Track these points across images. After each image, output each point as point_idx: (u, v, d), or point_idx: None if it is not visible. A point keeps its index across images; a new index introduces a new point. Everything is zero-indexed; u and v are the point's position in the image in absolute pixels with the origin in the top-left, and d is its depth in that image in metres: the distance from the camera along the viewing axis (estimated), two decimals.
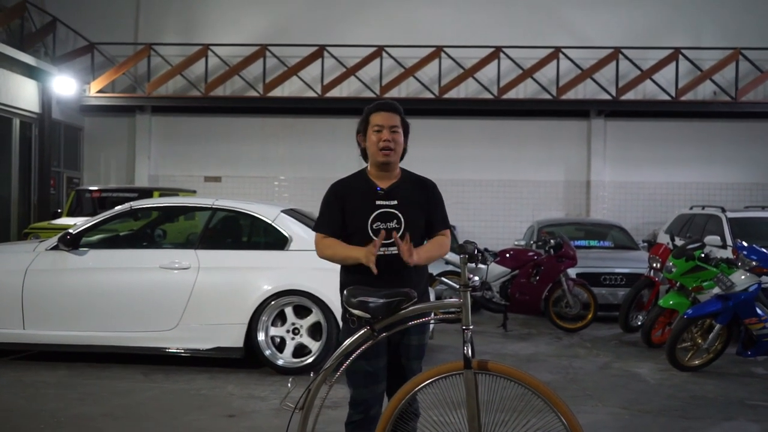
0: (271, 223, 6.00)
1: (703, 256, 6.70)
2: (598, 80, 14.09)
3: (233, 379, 5.59)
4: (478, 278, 8.15)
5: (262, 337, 5.68)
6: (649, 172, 14.85)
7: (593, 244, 10.42)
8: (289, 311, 5.73)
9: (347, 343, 2.83)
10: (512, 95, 14.42)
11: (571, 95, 14.46)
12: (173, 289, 5.72)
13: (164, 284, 5.74)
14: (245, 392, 5.21)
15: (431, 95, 14.23)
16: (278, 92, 14.50)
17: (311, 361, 5.64)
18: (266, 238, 6.22)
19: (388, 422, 2.70)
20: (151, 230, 7.08)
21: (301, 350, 5.74)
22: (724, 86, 14.14)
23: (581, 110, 14.75)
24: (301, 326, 5.73)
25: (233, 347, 5.68)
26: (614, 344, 7.44)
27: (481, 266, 8.37)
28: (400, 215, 3.04)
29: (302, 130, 15.11)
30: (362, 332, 2.81)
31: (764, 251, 6.21)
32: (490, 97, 14.21)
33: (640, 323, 7.63)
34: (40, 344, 5.92)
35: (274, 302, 5.69)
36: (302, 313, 5.75)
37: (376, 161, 3.09)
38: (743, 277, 6.05)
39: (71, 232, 5.97)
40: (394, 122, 3.08)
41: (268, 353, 5.69)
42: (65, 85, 13.29)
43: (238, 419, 4.56)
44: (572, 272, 8.38)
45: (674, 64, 13.97)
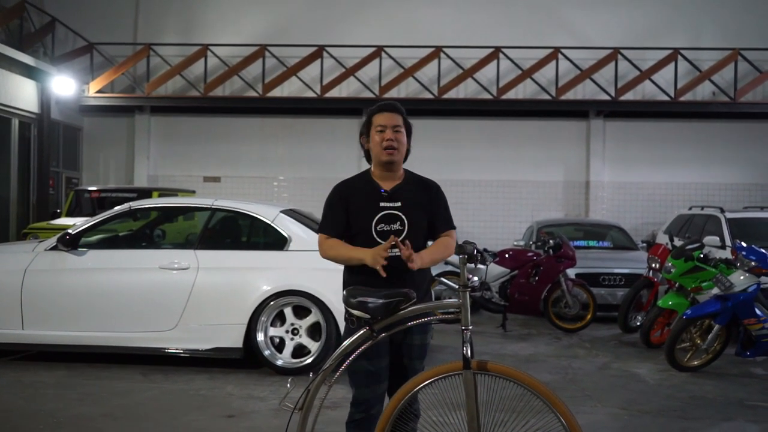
0: (270, 223, 6.00)
1: (702, 256, 6.71)
2: (597, 81, 14.09)
3: (232, 379, 5.59)
4: (477, 278, 8.15)
5: (261, 337, 5.69)
6: (648, 172, 14.85)
7: (592, 244, 10.42)
8: (288, 311, 5.74)
9: (346, 343, 2.84)
10: (511, 95, 14.42)
11: (570, 96, 14.46)
12: (172, 289, 5.72)
13: (163, 284, 5.74)
14: (244, 392, 5.21)
15: (430, 95, 14.23)
16: (277, 92, 14.50)
17: (310, 361, 5.64)
18: (265, 238, 6.22)
19: (387, 422, 2.70)
20: (150, 230, 7.08)
21: (300, 350, 5.74)
22: (723, 87, 14.15)
23: (580, 111, 14.76)
24: (300, 326, 5.73)
25: (232, 347, 5.68)
26: (613, 344, 7.45)
27: (480, 266, 8.37)
28: (403, 217, 3.04)
29: (301, 130, 15.10)
30: (361, 332, 2.81)
31: (763, 252, 6.21)
32: (489, 97, 14.21)
33: (639, 324, 7.63)
34: (39, 344, 5.92)
35: (273, 302, 5.69)
36: (301, 313, 5.75)
37: (379, 161, 3.10)
38: (742, 277, 6.05)
39: (70, 232, 5.97)
40: (396, 122, 3.09)
41: (267, 353, 5.69)
42: (64, 85, 13.29)
43: (237, 419, 4.56)
44: (571, 272, 8.38)
45: (673, 64, 13.98)
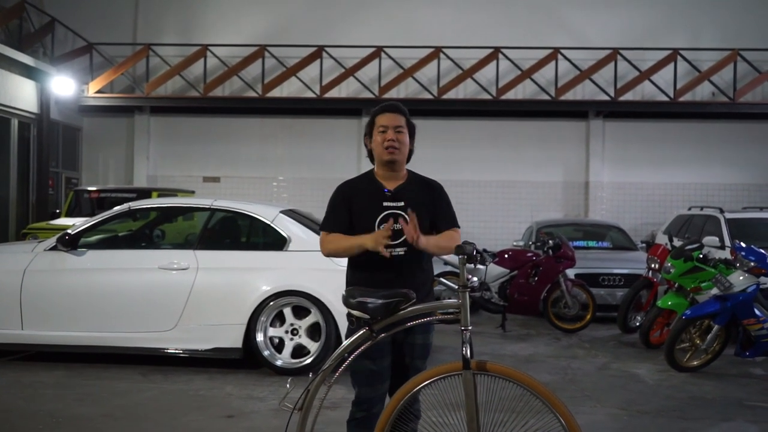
0: (269, 223, 6.00)
1: (701, 256, 6.71)
2: (596, 81, 14.09)
3: (232, 379, 5.59)
4: (476, 279, 8.15)
5: (260, 337, 5.69)
6: (647, 172, 14.85)
7: (592, 244, 10.42)
8: (287, 312, 5.74)
9: (346, 343, 2.84)
10: (511, 96, 14.42)
11: (569, 96, 14.46)
12: (172, 289, 5.72)
13: (163, 285, 5.74)
14: (244, 393, 5.21)
15: (430, 96, 14.23)
16: (277, 93, 14.50)
17: (310, 361, 5.64)
18: (265, 238, 6.22)
19: (387, 422, 2.70)
20: (149, 231, 7.08)
21: (299, 351, 5.74)
22: (722, 87, 14.15)
23: (580, 111, 14.76)
24: (299, 327, 5.73)
25: (232, 348, 5.68)
26: (613, 345, 7.45)
27: (479, 267, 8.37)
28: (406, 217, 3.05)
29: (301, 130, 15.10)
30: (361, 333, 2.81)
31: (762, 252, 6.21)
32: (488, 97, 14.21)
33: (638, 324, 7.63)
34: (38, 345, 5.91)
35: (272, 303, 5.69)
36: (301, 313, 5.75)
37: (381, 160, 3.13)
38: (741, 277, 6.05)
39: (70, 232, 5.97)
40: (398, 123, 3.12)
41: (266, 354, 5.69)
42: (64, 85, 13.29)
43: (236, 420, 4.56)
44: (571, 273, 8.39)
45: (673, 64, 13.98)
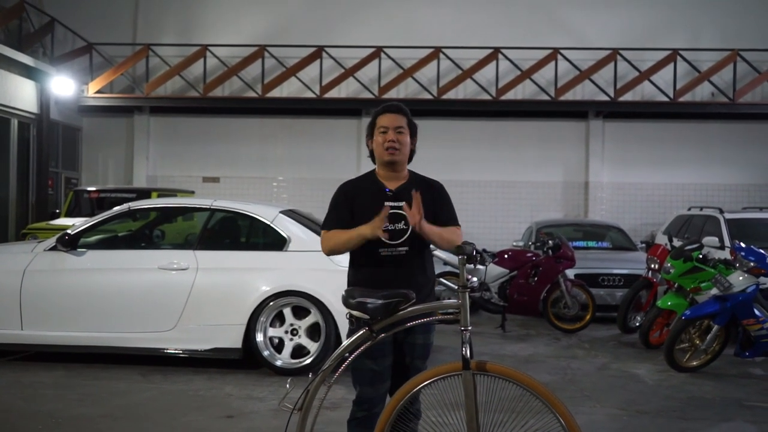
0: (269, 223, 6.00)
1: (701, 257, 6.71)
2: (596, 81, 14.10)
3: (231, 379, 5.58)
4: (476, 279, 8.15)
5: (260, 337, 5.68)
6: (647, 173, 14.85)
7: (591, 245, 10.42)
8: (287, 312, 5.74)
9: (346, 344, 2.84)
10: (511, 96, 14.42)
11: (569, 96, 14.46)
12: (172, 289, 5.71)
13: (163, 285, 5.74)
14: (243, 393, 5.21)
15: (430, 96, 14.23)
16: (277, 93, 14.50)
17: (310, 361, 5.64)
18: (265, 238, 6.22)
19: (386, 422, 2.70)
20: (149, 231, 7.08)
21: (299, 351, 5.74)
22: (722, 87, 14.16)
23: (579, 111, 14.76)
24: (299, 327, 5.73)
25: (231, 348, 5.68)
26: (612, 345, 7.45)
27: (479, 267, 8.36)
28: (408, 216, 3.05)
29: (301, 130, 15.10)
30: (361, 333, 2.82)
31: (762, 252, 6.21)
32: (488, 98, 14.21)
33: (638, 324, 7.63)
34: (38, 345, 5.91)
35: (272, 303, 5.69)
36: (301, 313, 5.75)
37: (382, 161, 3.15)
38: (741, 278, 6.06)
39: (69, 232, 5.97)
40: (399, 123, 3.14)
41: (266, 354, 5.69)
42: (63, 85, 13.29)
43: (236, 420, 4.56)
44: (570, 273, 8.38)
45: (672, 65, 13.98)
